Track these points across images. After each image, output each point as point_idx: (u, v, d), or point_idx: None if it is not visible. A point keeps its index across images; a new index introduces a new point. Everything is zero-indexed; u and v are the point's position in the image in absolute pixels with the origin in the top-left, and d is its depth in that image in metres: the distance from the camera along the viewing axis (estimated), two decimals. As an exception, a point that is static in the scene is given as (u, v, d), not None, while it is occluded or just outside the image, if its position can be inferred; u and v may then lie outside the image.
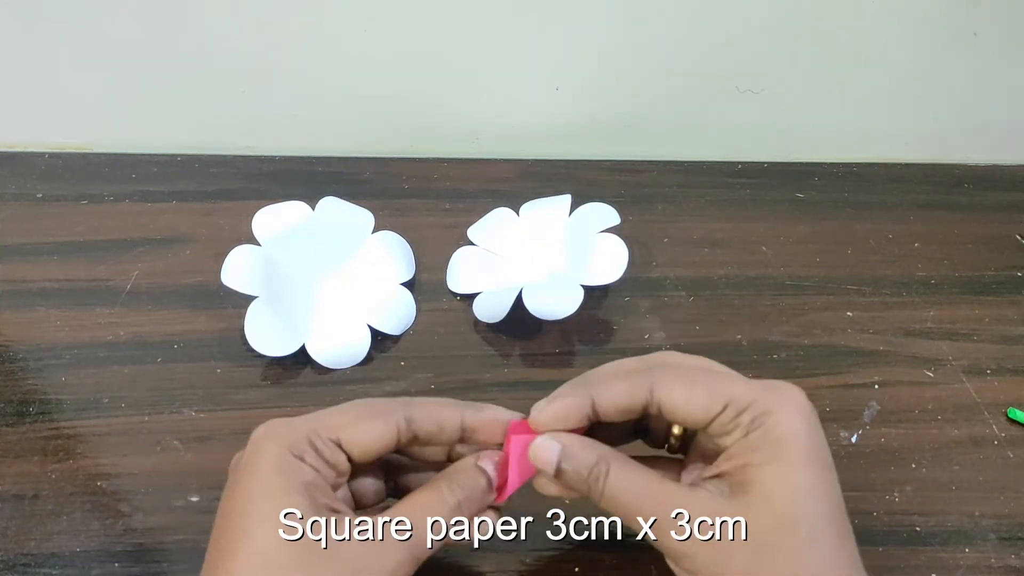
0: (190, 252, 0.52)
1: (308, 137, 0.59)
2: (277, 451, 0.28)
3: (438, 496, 0.30)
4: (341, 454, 0.29)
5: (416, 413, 0.31)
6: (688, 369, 0.31)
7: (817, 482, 0.28)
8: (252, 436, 0.29)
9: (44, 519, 0.39)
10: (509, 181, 0.58)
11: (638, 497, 0.29)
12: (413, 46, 0.54)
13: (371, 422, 0.30)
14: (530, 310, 0.45)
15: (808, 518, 0.27)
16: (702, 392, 0.29)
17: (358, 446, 0.30)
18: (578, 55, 0.56)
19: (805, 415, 0.29)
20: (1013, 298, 0.52)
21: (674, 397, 0.30)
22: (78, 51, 0.54)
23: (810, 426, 0.29)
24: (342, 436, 0.29)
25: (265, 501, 0.27)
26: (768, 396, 0.29)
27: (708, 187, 0.58)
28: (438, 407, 0.31)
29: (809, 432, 0.29)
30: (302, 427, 0.29)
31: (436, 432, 0.31)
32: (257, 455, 0.28)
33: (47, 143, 0.58)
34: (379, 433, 0.30)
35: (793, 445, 0.28)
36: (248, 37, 0.53)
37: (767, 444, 0.28)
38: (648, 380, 0.30)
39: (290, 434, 0.29)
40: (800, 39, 0.55)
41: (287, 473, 0.28)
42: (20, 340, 0.47)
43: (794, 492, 0.27)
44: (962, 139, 0.61)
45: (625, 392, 0.31)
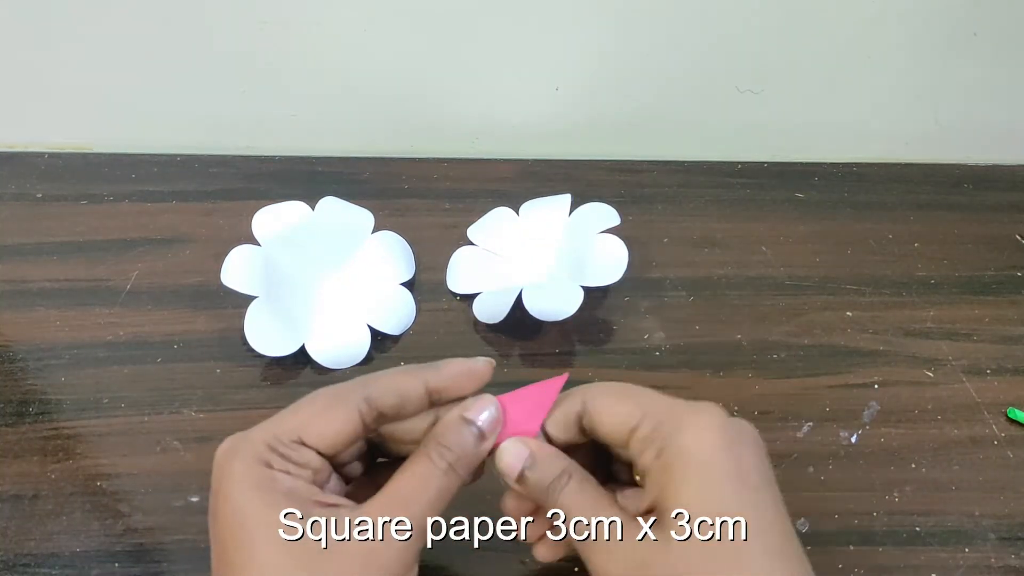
0: (190, 252, 0.52)
1: (308, 137, 0.59)
2: (245, 467, 0.27)
3: (427, 465, 0.29)
4: (308, 452, 0.28)
5: (373, 390, 0.29)
6: (617, 385, 0.31)
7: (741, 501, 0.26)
8: (215, 458, 0.28)
9: (44, 519, 0.39)
10: (509, 181, 0.58)
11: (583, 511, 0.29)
12: (413, 46, 0.54)
13: (330, 413, 0.29)
14: (530, 311, 0.45)
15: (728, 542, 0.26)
16: (623, 403, 0.30)
17: (323, 440, 0.29)
18: (578, 55, 0.56)
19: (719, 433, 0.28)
20: (1013, 298, 0.52)
21: (599, 407, 0.30)
22: (78, 51, 0.54)
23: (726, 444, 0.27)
24: (303, 435, 0.28)
25: (250, 518, 0.26)
26: (680, 413, 0.28)
27: (708, 187, 0.58)
28: (395, 377, 0.30)
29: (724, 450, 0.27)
30: (260, 436, 0.28)
31: (400, 404, 0.30)
32: (227, 477, 0.27)
33: (47, 143, 0.58)
34: (341, 422, 0.29)
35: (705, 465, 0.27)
36: (248, 37, 0.53)
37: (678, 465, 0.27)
38: (581, 395, 0.31)
39: (251, 446, 0.28)
40: (800, 39, 0.55)
41: (264, 484, 0.27)
42: (20, 340, 0.47)
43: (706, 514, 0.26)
44: (962, 139, 0.61)
45: (562, 408, 0.31)
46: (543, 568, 0.38)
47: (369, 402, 0.29)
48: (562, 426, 0.31)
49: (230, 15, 0.52)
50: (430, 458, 0.29)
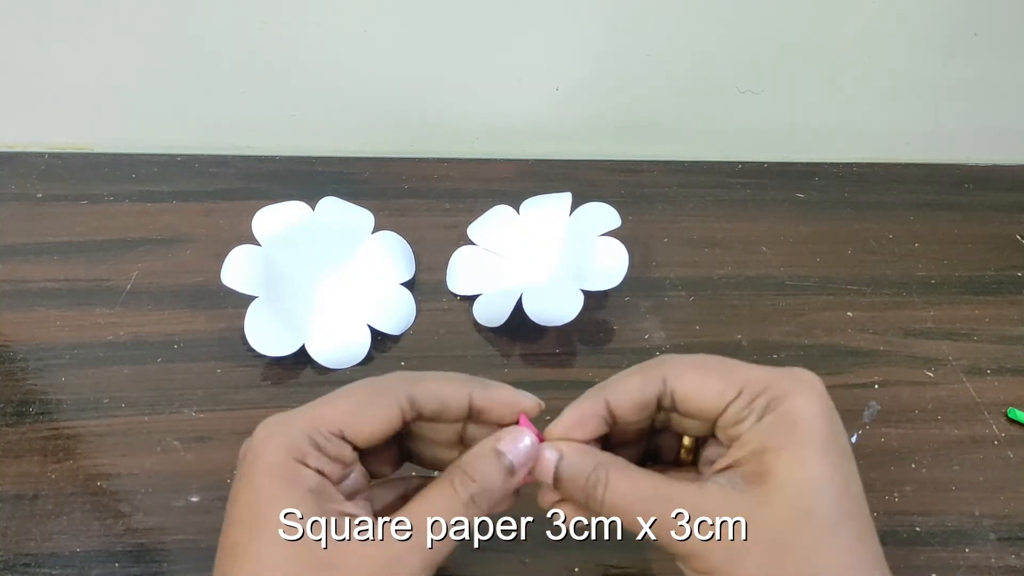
0: (190, 252, 0.52)
1: (308, 137, 0.59)
2: (276, 456, 0.27)
3: (447, 494, 0.28)
4: (345, 446, 0.28)
5: (419, 391, 0.29)
6: (698, 358, 0.30)
7: (836, 470, 0.26)
8: (253, 436, 0.28)
9: (44, 519, 0.39)
10: (509, 181, 0.58)
11: (641, 503, 0.27)
12: (413, 46, 0.54)
13: (373, 409, 0.28)
14: (530, 316, 0.45)
15: (826, 509, 0.25)
16: (716, 378, 0.28)
17: (362, 435, 0.28)
18: (578, 55, 0.56)
19: (822, 400, 0.27)
20: (1013, 298, 0.52)
21: (687, 384, 0.29)
22: (78, 51, 0.54)
23: (827, 412, 0.27)
24: (344, 428, 0.28)
25: (266, 512, 0.26)
26: (783, 380, 0.28)
27: (708, 187, 0.58)
28: (443, 384, 0.29)
29: (826, 418, 0.27)
30: (301, 424, 0.28)
31: (441, 411, 0.29)
32: (257, 461, 0.27)
33: (47, 143, 0.58)
34: (382, 418, 0.28)
35: (809, 430, 0.27)
36: (248, 37, 0.53)
37: (782, 428, 0.27)
38: (660, 371, 0.29)
39: (289, 435, 0.27)
40: (800, 39, 0.55)
41: (289, 480, 0.26)
42: (20, 340, 0.47)
43: (811, 480, 0.26)
44: (962, 139, 0.61)
45: (638, 386, 0.29)
46: (543, 568, 0.38)
47: (412, 402, 0.29)
48: (638, 406, 0.29)
49: (230, 15, 0.52)
50: (453, 487, 0.28)
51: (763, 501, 0.26)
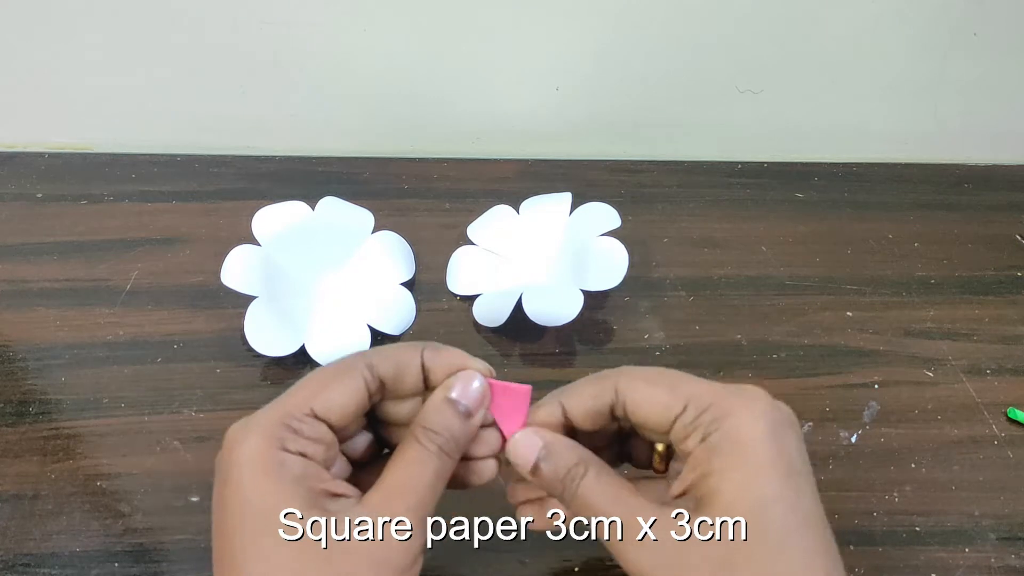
0: (190, 252, 0.52)
1: (308, 137, 0.59)
2: (256, 450, 0.27)
3: (417, 450, 0.29)
4: (320, 424, 0.28)
5: (374, 358, 0.30)
6: (651, 371, 0.31)
7: (781, 489, 0.26)
8: (224, 442, 0.28)
9: (44, 519, 0.39)
10: (509, 181, 0.58)
11: (609, 504, 0.28)
12: (413, 46, 0.54)
13: (337, 381, 0.29)
14: (530, 316, 0.45)
15: (771, 530, 0.26)
16: (663, 391, 0.29)
17: (334, 410, 0.28)
18: (578, 55, 0.56)
19: (767, 418, 0.27)
20: (1013, 298, 0.52)
21: (636, 396, 0.29)
22: (78, 51, 0.54)
23: (772, 429, 0.27)
24: (315, 406, 0.28)
25: (260, 510, 0.26)
26: (727, 398, 0.28)
27: (708, 187, 0.58)
28: (396, 349, 0.30)
29: (769, 437, 0.27)
30: (273, 415, 0.28)
31: (398, 374, 0.30)
32: (236, 463, 0.27)
33: (47, 143, 0.58)
34: (349, 390, 0.29)
35: (752, 451, 0.27)
36: (248, 37, 0.53)
37: (726, 450, 0.27)
38: (613, 381, 0.30)
39: (264, 427, 0.27)
40: (800, 39, 0.55)
41: (273, 471, 0.26)
42: (20, 340, 0.47)
43: (755, 502, 0.26)
44: (962, 139, 0.61)
45: (591, 395, 0.30)
46: (543, 568, 0.38)
47: (371, 369, 0.29)
48: (592, 415, 0.30)
49: (230, 15, 0.52)
50: (420, 443, 0.29)
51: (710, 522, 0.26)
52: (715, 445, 0.27)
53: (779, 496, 0.26)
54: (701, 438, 0.28)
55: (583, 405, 0.30)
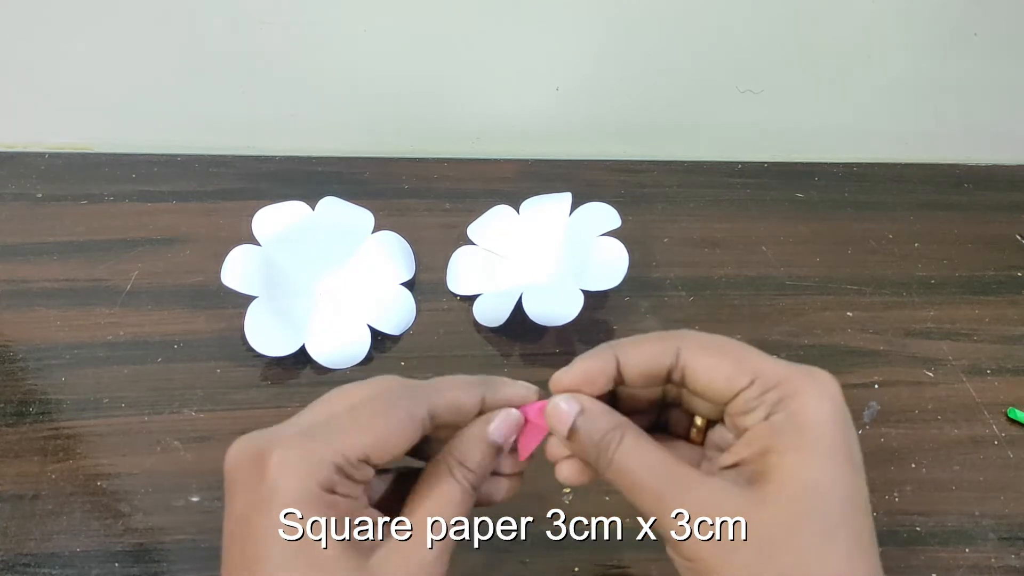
0: (190, 252, 0.52)
1: (308, 137, 0.59)
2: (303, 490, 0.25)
3: (452, 485, 0.28)
4: (369, 469, 0.27)
5: (439, 408, 0.29)
6: (717, 339, 0.29)
7: (839, 477, 0.26)
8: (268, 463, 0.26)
9: (44, 519, 0.39)
10: (509, 181, 0.58)
11: (647, 473, 0.27)
12: (413, 46, 0.54)
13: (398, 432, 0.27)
14: (530, 316, 0.45)
15: (823, 515, 0.25)
16: (729, 362, 0.28)
17: (386, 457, 0.27)
18: (578, 55, 0.56)
19: (835, 404, 0.27)
20: (1013, 298, 0.52)
21: (700, 364, 0.28)
22: (78, 51, 0.54)
23: (838, 416, 0.27)
24: (370, 453, 0.27)
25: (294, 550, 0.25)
26: (798, 378, 0.27)
27: (708, 187, 0.58)
28: (457, 393, 0.29)
29: (836, 422, 0.26)
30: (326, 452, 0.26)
31: (456, 419, 0.29)
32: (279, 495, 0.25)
33: (47, 143, 0.58)
34: (406, 440, 0.28)
35: (817, 434, 0.26)
36: (248, 37, 0.53)
37: (789, 430, 0.26)
38: (675, 344, 0.28)
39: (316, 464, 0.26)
40: (800, 39, 0.55)
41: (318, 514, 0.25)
42: (20, 340, 0.47)
43: (811, 485, 0.25)
44: (962, 139, 0.61)
45: (651, 354, 0.29)
46: (543, 568, 0.38)
47: (432, 418, 0.29)
48: (647, 374, 0.29)
49: (230, 15, 0.52)
50: (455, 479, 0.28)
51: (761, 501, 0.26)
52: (778, 424, 0.26)
53: (836, 483, 0.26)
54: (765, 415, 0.27)
55: (640, 363, 0.29)
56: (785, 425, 0.26)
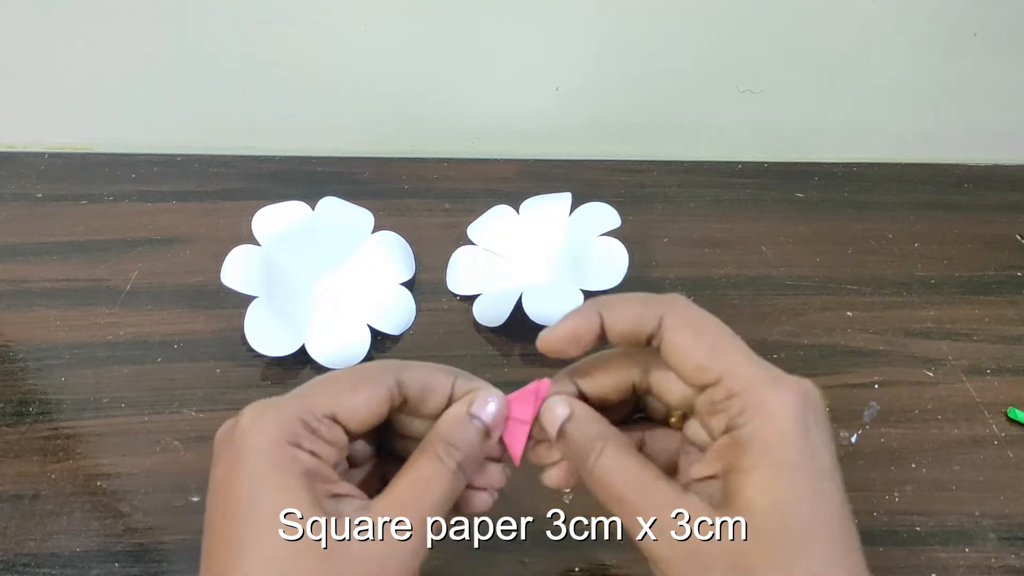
0: (190, 252, 0.52)
1: (308, 137, 0.59)
2: (269, 442, 0.26)
3: (436, 464, 0.28)
4: (338, 428, 0.28)
5: (406, 376, 0.29)
6: (701, 319, 0.29)
7: (804, 493, 0.26)
8: (239, 423, 0.27)
9: (44, 519, 0.39)
10: (509, 181, 0.58)
11: (625, 487, 0.27)
12: (413, 46, 0.54)
13: (364, 391, 0.28)
14: (530, 316, 0.45)
15: (793, 533, 0.25)
16: (704, 350, 0.27)
17: (355, 418, 0.28)
18: (578, 55, 0.56)
19: (800, 416, 0.26)
20: (1013, 298, 0.52)
21: (676, 342, 0.28)
22: (78, 51, 0.54)
23: (802, 427, 0.26)
24: (337, 410, 0.28)
25: (264, 502, 0.26)
26: (762, 388, 0.27)
27: (708, 187, 0.58)
28: (428, 372, 0.30)
29: (800, 434, 0.26)
30: (294, 408, 0.27)
31: (424, 397, 0.30)
32: (247, 450, 0.26)
33: (47, 143, 0.58)
34: (373, 401, 0.28)
35: (781, 450, 0.26)
36: (248, 37, 0.53)
37: (753, 447, 0.26)
38: (660, 311, 0.28)
39: (282, 419, 0.27)
40: (800, 39, 0.55)
41: (284, 466, 0.26)
42: (20, 340, 0.47)
43: (779, 505, 0.25)
44: (962, 139, 0.61)
45: (635, 316, 0.29)
46: (543, 568, 0.38)
47: (400, 386, 0.29)
48: (628, 335, 0.29)
49: (230, 15, 0.52)
50: (439, 458, 0.28)
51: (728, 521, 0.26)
52: (742, 441, 0.26)
53: (803, 499, 0.26)
54: (726, 427, 0.27)
55: (624, 323, 0.29)
56: (749, 442, 0.26)
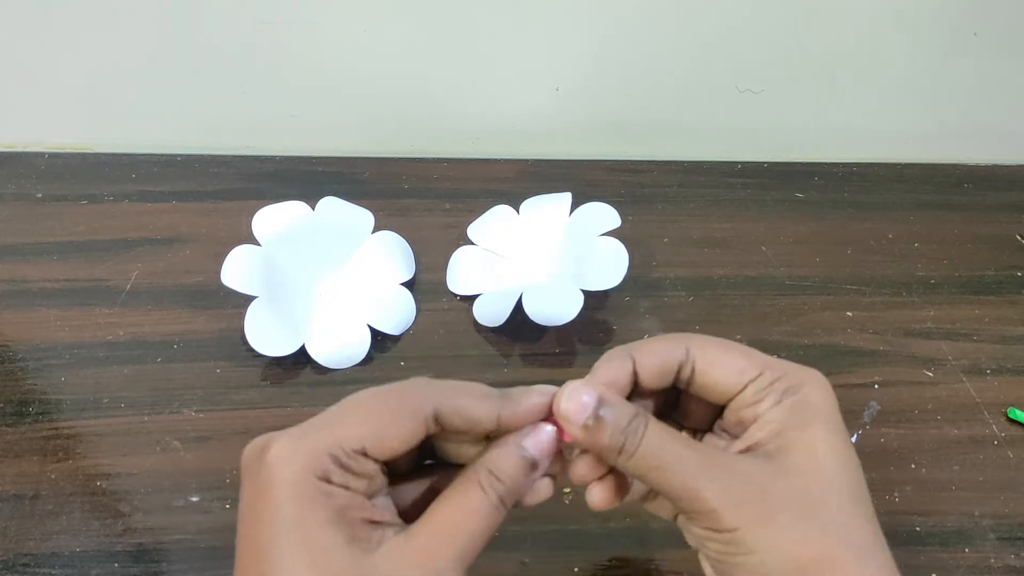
0: (190, 252, 0.52)
1: (308, 137, 0.59)
2: (299, 477, 0.25)
3: (477, 496, 0.27)
4: (368, 462, 0.27)
5: (445, 410, 0.28)
6: (721, 339, 0.31)
7: (851, 456, 0.28)
8: (267, 455, 0.26)
9: (44, 519, 0.39)
10: (509, 181, 0.58)
11: (675, 458, 0.27)
12: (413, 46, 0.54)
13: (397, 426, 0.27)
14: (530, 316, 0.45)
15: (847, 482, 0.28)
16: (737, 356, 0.30)
17: (385, 452, 0.27)
18: (578, 55, 0.56)
19: (832, 394, 0.29)
20: (1013, 298, 0.52)
21: (711, 359, 0.30)
22: (78, 51, 0.54)
23: (837, 408, 0.29)
24: (368, 445, 0.27)
25: (295, 535, 0.25)
26: (799, 372, 0.30)
27: (708, 187, 0.58)
28: (470, 403, 0.28)
29: (837, 410, 0.29)
30: (321, 443, 0.26)
31: (467, 429, 0.28)
32: (277, 483, 0.25)
33: (47, 143, 0.58)
34: (406, 435, 0.27)
35: (826, 415, 0.28)
36: (248, 37, 0.53)
37: (804, 410, 0.28)
38: (685, 343, 0.30)
39: (309, 455, 0.26)
40: (800, 39, 0.55)
41: (314, 502, 0.25)
42: (20, 340, 0.47)
43: (836, 454, 0.28)
44: (962, 139, 0.61)
45: (664, 351, 0.30)
46: (543, 568, 0.38)
47: (437, 418, 0.28)
48: (660, 371, 0.30)
49: (230, 15, 0.52)
50: (481, 488, 0.27)
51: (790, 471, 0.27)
52: (792, 406, 0.28)
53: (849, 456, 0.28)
54: (777, 399, 0.29)
55: (655, 361, 0.30)
56: (799, 406, 0.28)
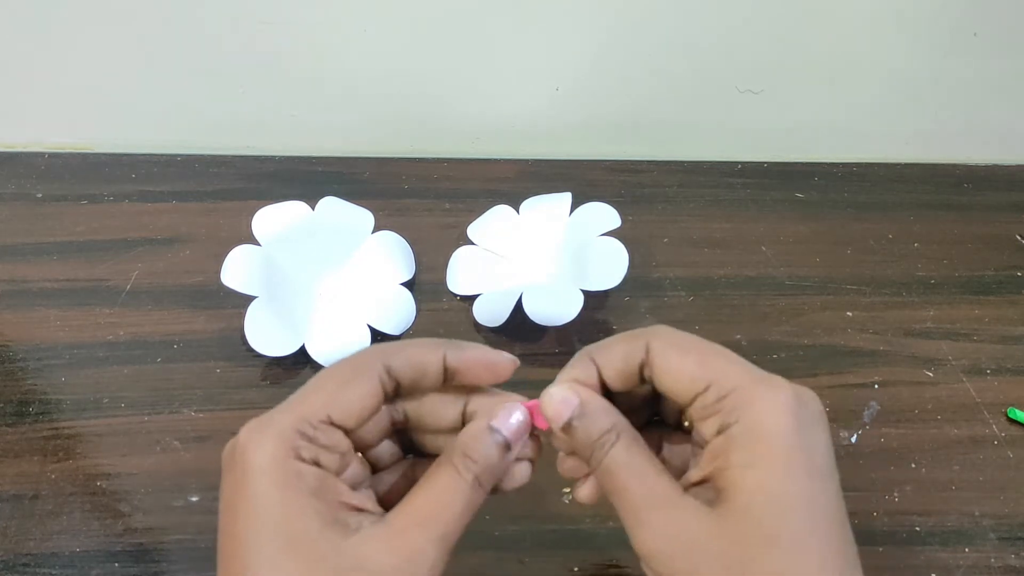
0: (190, 252, 0.52)
1: (308, 137, 0.59)
2: (271, 459, 0.26)
3: (453, 477, 0.27)
4: (336, 431, 0.27)
5: (394, 361, 0.28)
6: (685, 338, 0.29)
7: (800, 490, 0.25)
8: (237, 443, 0.27)
9: (44, 519, 0.39)
10: (509, 181, 0.58)
11: (630, 479, 0.27)
12: (413, 46, 0.54)
13: (354, 385, 0.28)
14: (530, 316, 0.45)
15: (789, 529, 0.25)
16: (692, 362, 0.28)
17: (350, 415, 0.27)
18: (578, 55, 0.56)
19: (791, 413, 0.26)
20: (1013, 298, 0.52)
21: (665, 363, 0.28)
22: (78, 51, 0.54)
23: (797, 425, 0.26)
24: (331, 412, 0.27)
25: (273, 521, 0.25)
26: (752, 387, 0.27)
27: (708, 187, 0.58)
28: (416, 349, 0.29)
29: (794, 432, 0.26)
30: (287, 420, 0.27)
31: (419, 377, 0.29)
32: (250, 470, 0.26)
33: (47, 143, 0.58)
34: (364, 393, 0.28)
35: (773, 446, 0.26)
36: (248, 37, 0.53)
37: (746, 444, 0.26)
38: (644, 341, 0.29)
39: (279, 434, 0.26)
40: (800, 39, 0.55)
41: (290, 484, 0.25)
42: (20, 340, 0.47)
43: (773, 502, 0.25)
44: (962, 139, 0.61)
45: (624, 353, 0.29)
46: (542, 568, 0.38)
47: (389, 372, 0.28)
48: (623, 375, 0.29)
49: (230, 15, 0.52)
50: (456, 470, 0.28)
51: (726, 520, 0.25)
52: (734, 437, 0.26)
53: (798, 496, 0.25)
54: (719, 427, 0.27)
55: (615, 364, 0.29)
56: (740, 439, 0.26)
